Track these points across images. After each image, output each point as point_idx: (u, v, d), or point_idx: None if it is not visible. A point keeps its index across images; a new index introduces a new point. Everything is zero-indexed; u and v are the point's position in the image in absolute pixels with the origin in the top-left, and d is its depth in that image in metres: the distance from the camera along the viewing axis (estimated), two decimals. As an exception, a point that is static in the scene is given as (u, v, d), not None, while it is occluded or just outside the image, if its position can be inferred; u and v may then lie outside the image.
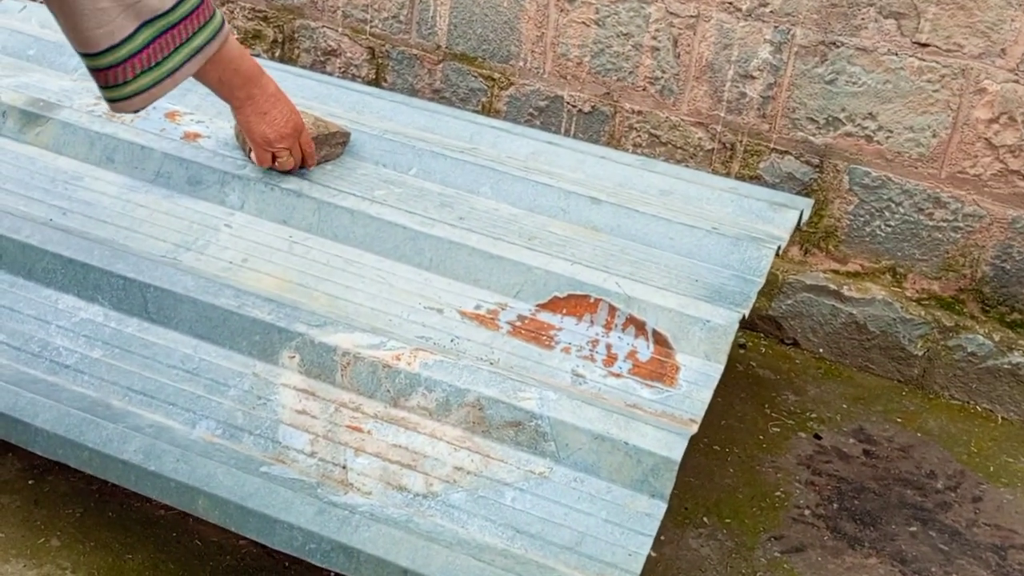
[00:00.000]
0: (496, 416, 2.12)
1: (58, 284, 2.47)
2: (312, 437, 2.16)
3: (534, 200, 2.78)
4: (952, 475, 3.06)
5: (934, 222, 3.41)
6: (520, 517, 2.01)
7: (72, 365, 2.34)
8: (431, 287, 2.46)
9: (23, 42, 3.35)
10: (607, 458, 2.06)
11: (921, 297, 3.50)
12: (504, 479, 2.06)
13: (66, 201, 2.68)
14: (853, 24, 3.36)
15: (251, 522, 2.04)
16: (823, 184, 3.55)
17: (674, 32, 3.63)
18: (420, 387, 2.19)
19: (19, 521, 2.52)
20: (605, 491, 2.04)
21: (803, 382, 3.47)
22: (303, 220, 2.63)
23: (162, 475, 2.11)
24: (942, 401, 3.46)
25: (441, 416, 2.15)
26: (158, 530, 2.55)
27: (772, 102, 3.55)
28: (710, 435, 3.12)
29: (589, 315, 2.38)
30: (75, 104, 2.97)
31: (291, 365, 2.27)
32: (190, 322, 2.36)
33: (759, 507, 2.84)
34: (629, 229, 2.70)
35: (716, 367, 2.28)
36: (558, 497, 2.04)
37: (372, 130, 3.00)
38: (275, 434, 2.18)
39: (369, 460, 2.11)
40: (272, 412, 2.21)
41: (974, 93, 3.26)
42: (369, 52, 4.27)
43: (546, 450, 2.09)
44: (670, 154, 3.74)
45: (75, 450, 2.19)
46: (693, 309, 2.36)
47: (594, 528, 1.99)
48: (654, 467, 2.04)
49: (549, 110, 3.94)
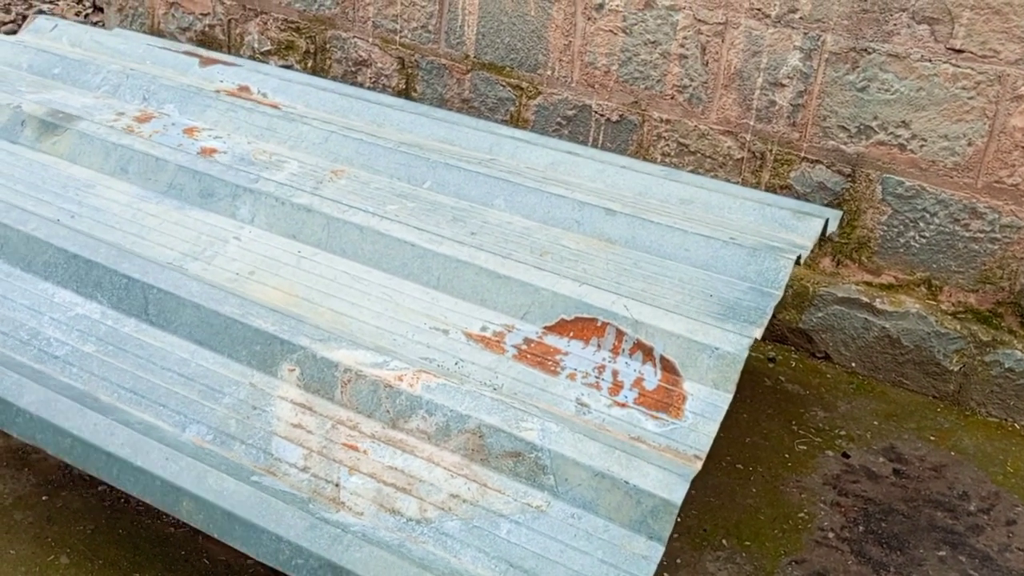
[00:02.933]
0: (496, 445, 2.08)
1: (57, 279, 2.47)
2: (306, 452, 2.13)
3: (548, 212, 2.73)
4: (986, 496, 2.96)
5: (970, 233, 3.30)
6: (514, 551, 1.97)
7: (62, 356, 2.33)
8: (437, 306, 2.43)
9: (49, 61, 3.38)
10: (606, 496, 2.01)
11: (957, 310, 3.39)
12: (500, 510, 2.02)
13: (76, 205, 2.69)
14: (885, 30, 3.26)
15: (236, 530, 2.01)
16: (855, 194, 3.45)
17: (702, 39, 3.56)
18: (421, 410, 2.15)
19: (31, 538, 2.53)
20: (602, 530, 1.99)
21: (833, 398, 3.38)
22: (312, 235, 2.61)
23: (148, 471, 2.07)
24: (978, 418, 3.34)
25: (440, 441, 2.11)
26: (168, 548, 2.54)
27: (802, 110, 3.46)
28: (733, 453, 3.04)
29: (596, 339, 2.33)
30: (95, 118, 2.99)
31: (290, 378, 2.25)
32: (190, 327, 2.34)
33: (781, 529, 2.76)
34: (644, 240, 2.64)
35: (724, 396, 2.21)
36: (554, 533, 1.99)
37: (389, 143, 2.98)
38: (268, 445, 2.15)
39: (363, 480, 2.08)
40: (267, 423, 2.19)
41: (1011, 100, 3.14)
42: (399, 62, 4.25)
43: (545, 483, 2.04)
44: (699, 163, 3.67)
45: (57, 436, 2.15)
46: (702, 335, 2.28)
47: (589, 568, 1.93)
48: (654, 509, 1.98)
49: (577, 119, 3.89)
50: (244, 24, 4.65)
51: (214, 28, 4.75)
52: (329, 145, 3.00)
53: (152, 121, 3.03)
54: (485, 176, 2.82)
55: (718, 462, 3.01)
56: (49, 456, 2.80)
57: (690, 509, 2.80)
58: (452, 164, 2.87)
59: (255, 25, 4.60)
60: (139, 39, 3.72)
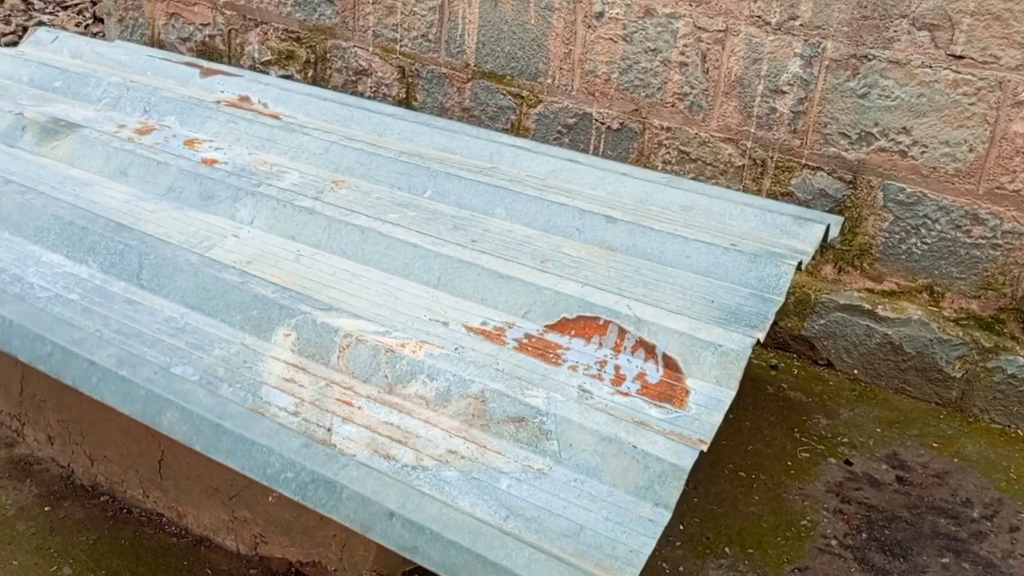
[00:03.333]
0: (499, 410, 2.04)
1: (48, 243, 2.43)
2: (297, 401, 2.08)
3: (549, 220, 2.73)
4: (989, 503, 2.95)
5: (972, 239, 3.30)
6: (515, 501, 1.91)
7: (44, 299, 2.28)
8: (438, 303, 2.42)
9: (49, 74, 3.39)
10: (612, 461, 1.97)
11: (959, 317, 3.38)
12: (500, 468, 1.97)
13: (72, 198, 2.66)
14: (885, 36, 3.26)
15: (223, 442, 1.95)
16: (856, 200, 3.45)
17: (702, 47, 3.57)
18: (422, 375, 2.10)
19: (33, 549, 2.52)
20: (607, 494, 1.94)
21: (836, 405, 3.37)
22: (312, 236, 2.60)
23: (131, 380, 2.02)
24: (981, 425, 3.34)
25: (439, 406, 2.07)
26: (170, 559, 2.53)
27: (803, 117, 3.46)
28: (736, 460, 3.04)
29: (598, 337, 2.32)
30: (97, 127, 2.99)
31: (284, 343, 2.20)
32: (184, 291, 2.29)
33: (784, 537, 2.75)
34: (645, 248, 2.64)
35: (727, 392, 2.21)
36: (557, 492, 1.95)
37: (390, 153, 2.98)
38: (258, 391, 2.10)
39: (357, 429, 2.02)
40: (256, 375, 2.13)
41: (1012, 106, 3.14)
42: (399, 71, 4.26)
43: (547, 449, 2.01)
44: (700, 171, 3.67)
45: (35, 343, 2.11)
46: (705, 333, 2.29)
47: (594, 523, 1.89)
48: (661, 474, 1.94)
49: (578, 127, 3.89)
50: (244, 34, 4.65)
51: (214, 38, 4.76)
52: (330, 155, 3.00)
53: (153, 133, 3.04)
54: (486, 185, 2.82)
55: (720, 470, 3.00)
56: (51, 467, 2.80)
57: (693, 517, 2.79)
58: (453, 173, 2.87)
59: (255, 35, 4.61)
60: (140, 51, 3.73)
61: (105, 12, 5.19)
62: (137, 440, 2.67)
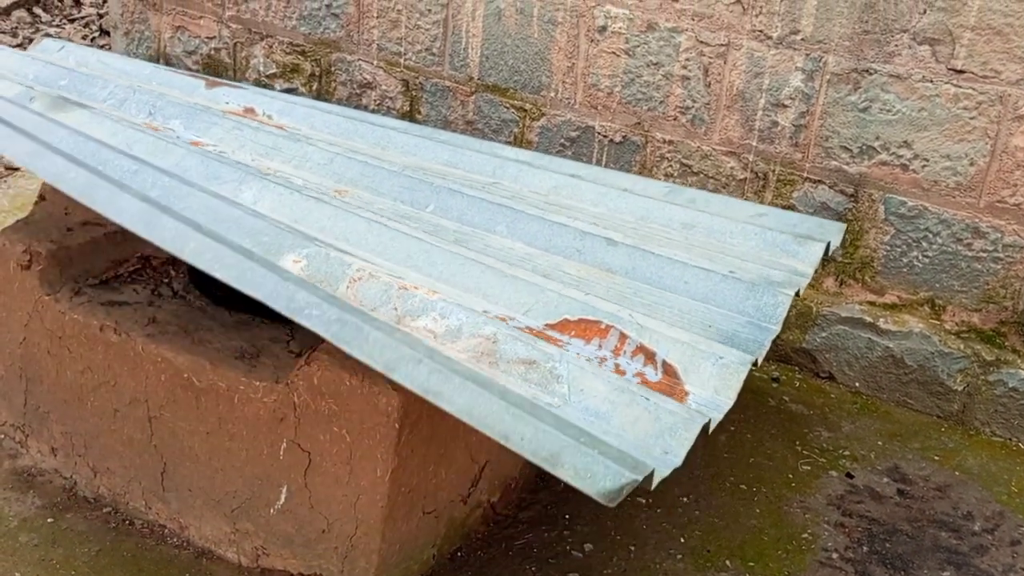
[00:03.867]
0: (510, 351, 1.97)
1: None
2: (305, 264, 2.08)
3: (549, 240, 2.73)
4: (990, 516, 2.95)
5: (973, 252, 3.31)
6: (527, 402, 1.88)
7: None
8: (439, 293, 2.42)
9: (56, 73, 3.40)
10: (623, 410, 1.93)
11: (960, 330, 3.39)
12: (508, 387, 1.92)
13: (78, 153, 2.66)
14: (886, 51, 3.28)
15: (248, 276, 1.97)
16: (858, 214, 3.46)
17: (704, 61, 3.58)
18: (433, 312, 2.05)
19: (36, 560, 2.54)
20: (615, 437, 1.93)
21: (837, 418, 3.38)
22: (316, 222, 2.58)
23: (171, 208, 2.08)
24: (983, 438, 3.34)
25: (447, 341, 2.00)
26: (172, 571, 2.55)
27: (804, 131, 3.48)
28: (737, 473, 3.04)
29: (599, 339, 2.31)
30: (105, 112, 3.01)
31: (293, 268, 2.15)
32: (194, 211, 2.26)
33: (785, 550, 2.76)
34: (644, 272, 2.64)
35: (726, 400, 2.21)
36: (567, 417, 1.91)
37: (393, 166, 2.99)
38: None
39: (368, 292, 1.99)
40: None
41: (1013, 120, 3.16)
42: (403, 84, 4.28)
43: (557, 391, 1.95)
44: (702, 184, 3.68)
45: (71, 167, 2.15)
46: (705, 346, 2.29)
47: (610, 435, 1.86)
48: (673, 426, 1.90)
49: (580, 140, 3.90)
50: (250, 47, 4.68)
51: (220, 52, 4.79)
52: (334, 166, 3.01)
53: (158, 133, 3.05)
54: (488, 202, 2.82)
55: (722, 482, 3.01)
56: (54, 479, 2.81)
57: (694, 529, 2.80)
58: (455, 189, 2.88)
59: (260, 48, 4.64)
60: (145, 64, 3.75)
61: (111, 25, 5.22)
62: (140, 452, 2.69)
